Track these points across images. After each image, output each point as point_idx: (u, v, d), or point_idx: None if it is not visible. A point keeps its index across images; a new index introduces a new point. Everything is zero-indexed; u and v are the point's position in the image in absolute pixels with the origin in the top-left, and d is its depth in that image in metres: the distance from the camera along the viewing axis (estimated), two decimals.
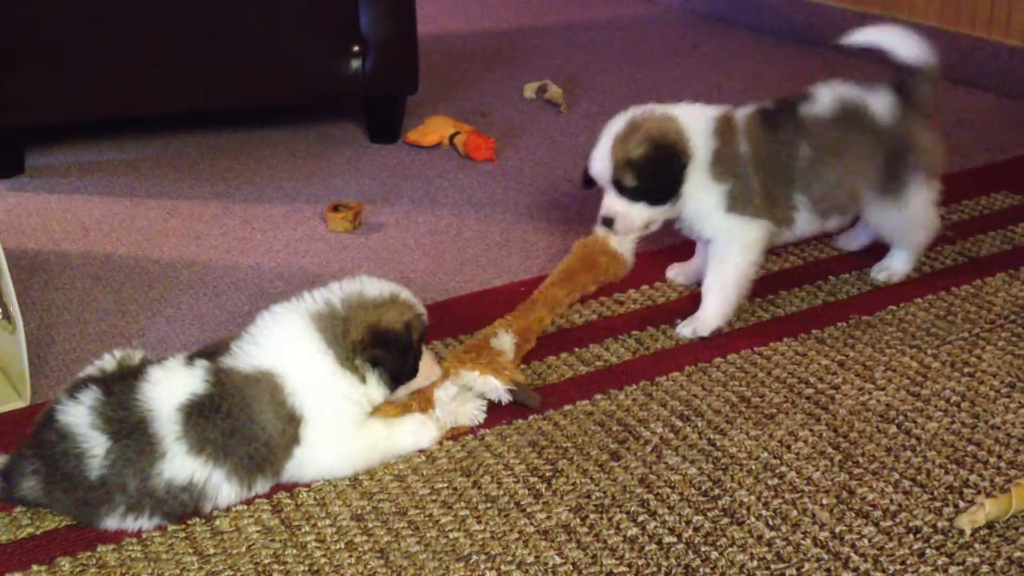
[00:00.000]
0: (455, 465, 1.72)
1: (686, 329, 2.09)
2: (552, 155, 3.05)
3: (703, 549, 1.53)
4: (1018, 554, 1.49)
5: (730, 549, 1.52)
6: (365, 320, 1.67)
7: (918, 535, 1.53)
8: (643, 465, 1.70)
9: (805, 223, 2.14)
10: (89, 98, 2.92)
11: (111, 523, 1.60)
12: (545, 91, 3.52)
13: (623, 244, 2.18)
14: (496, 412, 1.83)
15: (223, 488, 1.61)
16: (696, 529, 1.56)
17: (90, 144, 3.15)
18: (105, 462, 1.56)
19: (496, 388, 1.81)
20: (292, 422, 1.63)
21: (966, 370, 1.92)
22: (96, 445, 1.57)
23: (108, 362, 1.68)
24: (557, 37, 4.36)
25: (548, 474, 1.69)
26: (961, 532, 1.52)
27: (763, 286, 2.22)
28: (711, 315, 2.09)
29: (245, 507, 1.63)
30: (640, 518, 1.59)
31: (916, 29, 3.67)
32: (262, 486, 1.65)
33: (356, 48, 2.99)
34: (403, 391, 1.76)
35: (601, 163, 2.05)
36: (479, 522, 1.59)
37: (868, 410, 1.82)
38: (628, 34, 4.39)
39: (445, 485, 1.67)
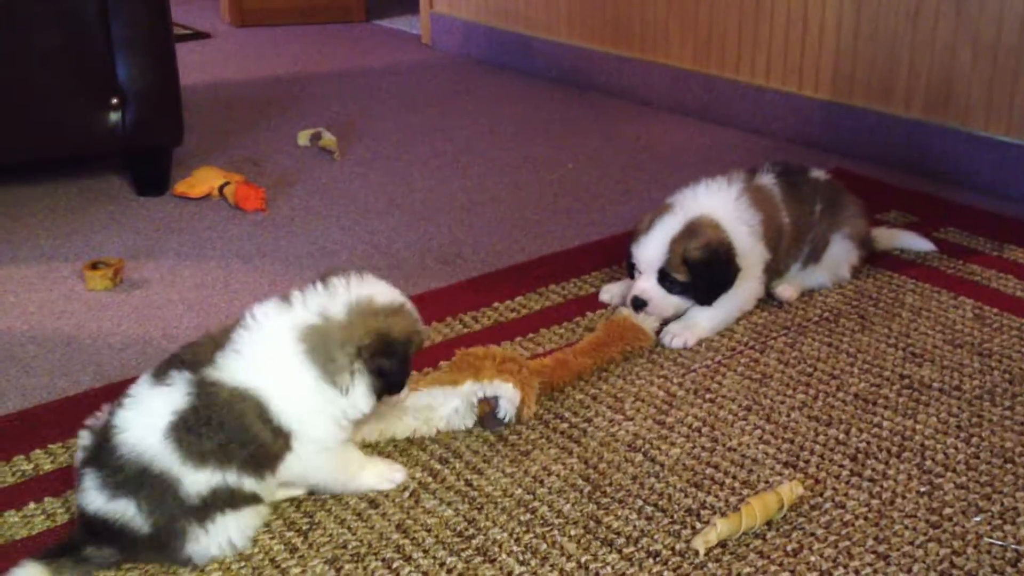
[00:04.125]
0: None
1: (677, 340, 2.20)
2: (325, 203, 3.06)
3: None
4: (747, 570, 1.58)
5: None
6: (375, 327, 1.66)
7: (657, 559, 1.61)
8: (401, 511, 1.72)
9: (794, 272, 2.42)
10: None
11: (199, 549, 1.60)
12: (319, 138, 3.53)
13: (646, 320, 2.23)
14: None
15: (244, 481, 1.62)
16: (449, 571, 1.59)
17: None
18: (145, 513, 1.56)
19: (512, 399, 1.89)
20: (281, 435, 1.64)
21: (708, 396, 2.03)
22: (125, 508, 1.56)
23: (86, 438, 1.63)
24: (333, 84, 4.38)
25: (305, 527, 1.68)
26: (696, 552, 1.61)
27: (525, 325, 2.29)
28: (706, 324, 2.24)
29: None
30: (395, 564, 1.60)
31: (672, 71, 3.91)
32: (272, 481, 1.67)
33: (114, 100, 2.92)
34: (384, 405, 1.76)
35: (653, 253, 2.21)
36: None
37: (617, 440, 1.90)
38: (404, 80, 4.45)
39: None
